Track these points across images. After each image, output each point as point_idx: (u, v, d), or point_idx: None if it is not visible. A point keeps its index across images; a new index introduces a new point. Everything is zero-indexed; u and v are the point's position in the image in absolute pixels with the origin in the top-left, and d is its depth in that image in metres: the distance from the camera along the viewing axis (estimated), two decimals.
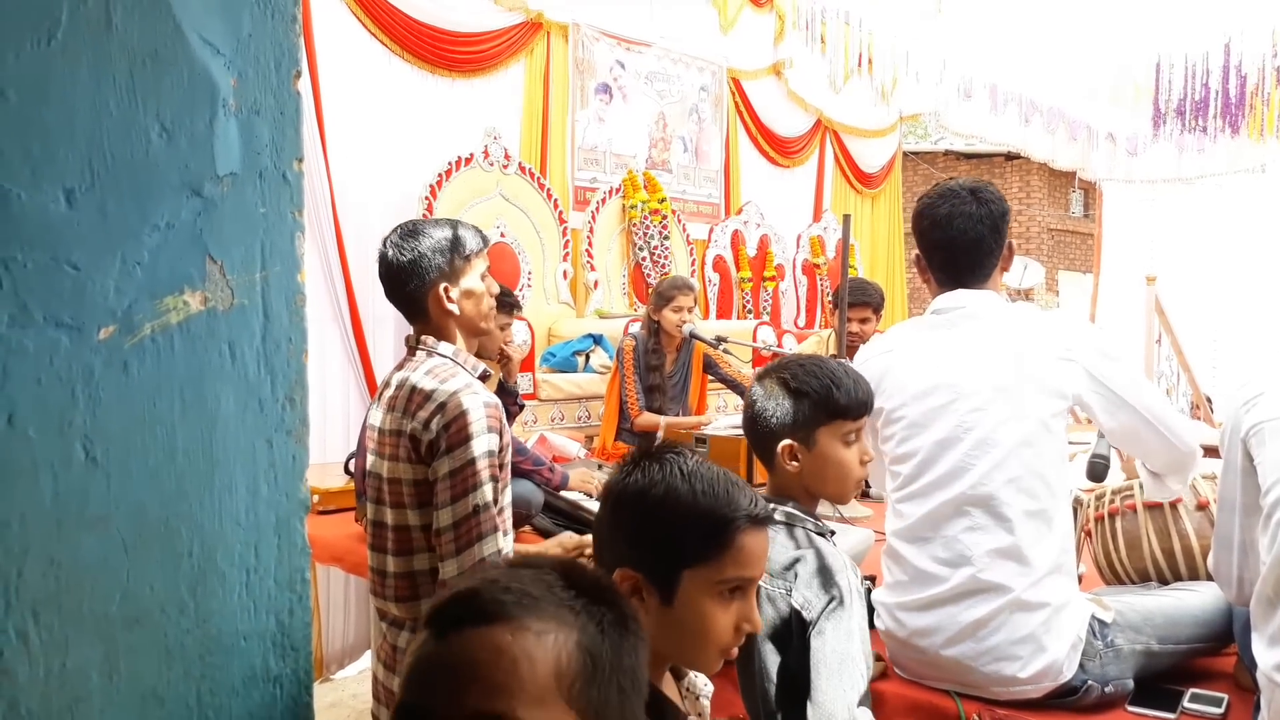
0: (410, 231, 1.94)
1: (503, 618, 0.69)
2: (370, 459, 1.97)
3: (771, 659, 1.54)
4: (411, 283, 1.92)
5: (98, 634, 0.54)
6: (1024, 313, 1.94)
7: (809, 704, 1.46)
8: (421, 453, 1.83)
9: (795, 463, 1.63)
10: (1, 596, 0.50)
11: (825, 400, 1.62)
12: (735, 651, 1.20)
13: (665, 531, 1.12)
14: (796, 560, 1.56)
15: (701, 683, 1.26)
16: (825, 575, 1.53)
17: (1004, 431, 1.80)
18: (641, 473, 1.16)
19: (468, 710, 0.68)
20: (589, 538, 2.07)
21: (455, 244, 1.95)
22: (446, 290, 1.93)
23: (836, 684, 1.46)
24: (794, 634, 1.53)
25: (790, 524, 1.62)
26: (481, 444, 1.79)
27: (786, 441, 1.63)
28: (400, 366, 1.97)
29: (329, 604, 4.01)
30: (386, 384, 1.98)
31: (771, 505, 1.63)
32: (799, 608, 1.52)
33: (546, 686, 0.69)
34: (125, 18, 0.53)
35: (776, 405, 1.65)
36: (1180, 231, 8.96)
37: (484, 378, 1.96)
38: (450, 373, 1.87)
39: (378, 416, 1.96)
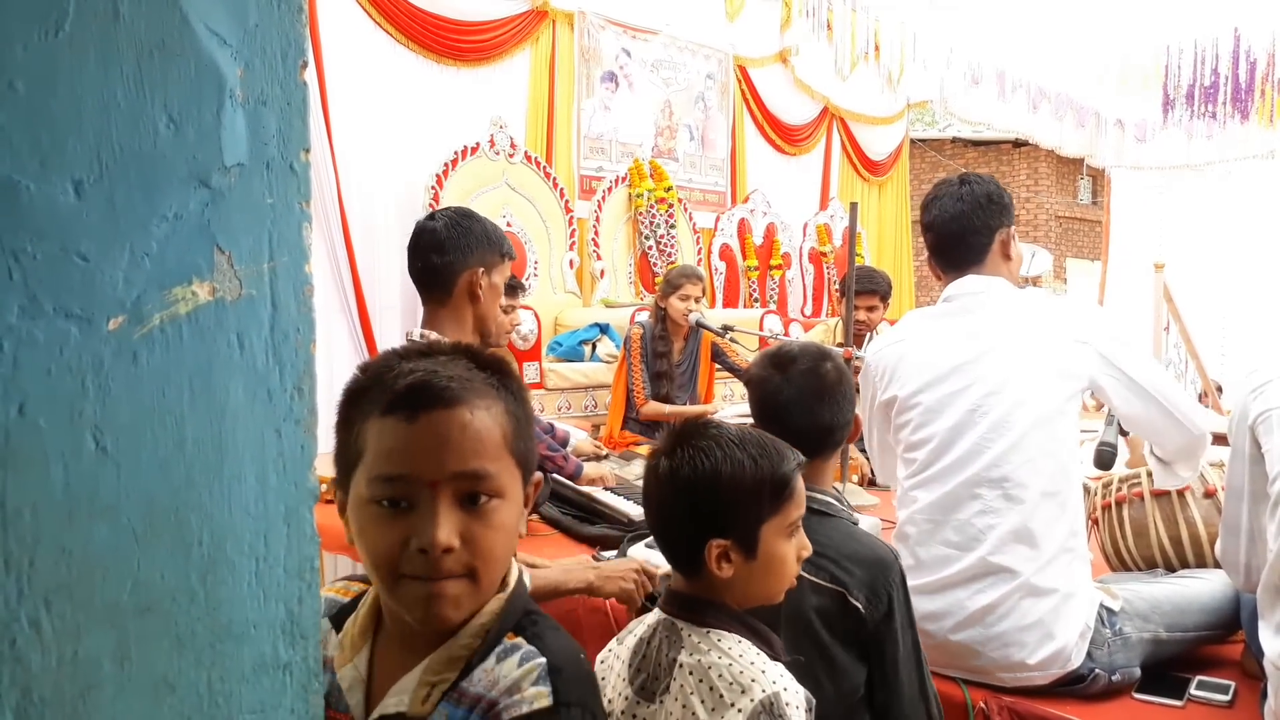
0: (467, 213, 2.04)
1: (459, 401, 0.90)
2: None
3: (842, 654, 1.50)
4: (452, 254, 1.98)
5: (110, 622, 0.54)
6: (1035, 298, 1.96)
7: (891, 694, 1.49)
8: None
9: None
10: (15, 585, 0.50)
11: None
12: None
13: (745, 499, 1.23)
14: (851, 554, 1.50)
15: None
16: (880, 573, 1.49)
17: (1019, 414, 1.80)
18: (703, 456, 1.23)
19: (449, 472, 0.89)
20: (638, 558, 1.98)
21: (502, 241, 2.07)
22: (481, 275, 1.98)
23: (915, 679, 1.50)
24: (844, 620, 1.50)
25: (832, 515, 1.57)
26: None
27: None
28: None
29: None
30: None
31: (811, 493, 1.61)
32: (859, 607, 1.47)
33: (499, 445, 0.92)
34: (132, 9, 0.53)
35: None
36: (1189, 218, 8.92)
37: None
38: None
39: None
